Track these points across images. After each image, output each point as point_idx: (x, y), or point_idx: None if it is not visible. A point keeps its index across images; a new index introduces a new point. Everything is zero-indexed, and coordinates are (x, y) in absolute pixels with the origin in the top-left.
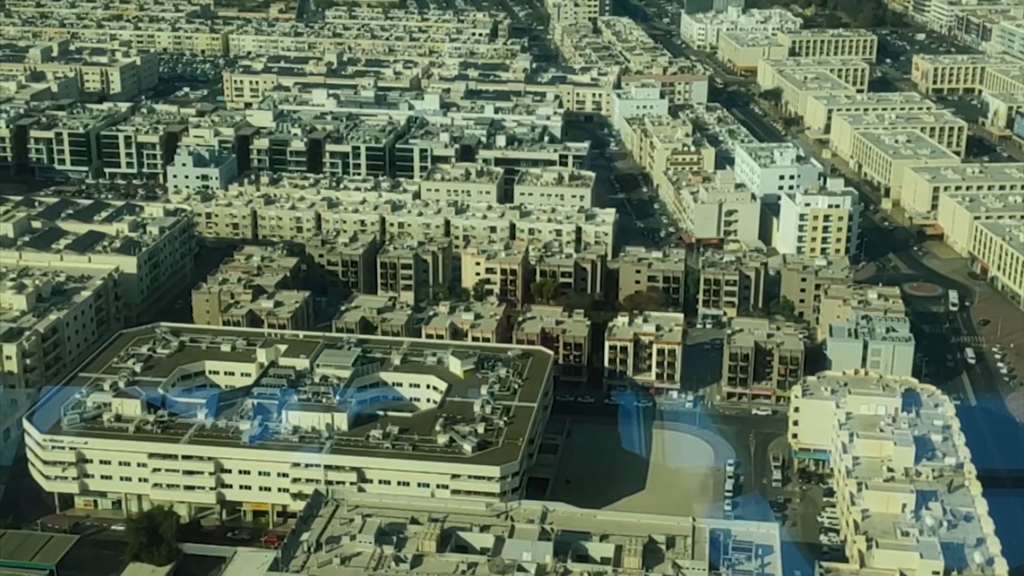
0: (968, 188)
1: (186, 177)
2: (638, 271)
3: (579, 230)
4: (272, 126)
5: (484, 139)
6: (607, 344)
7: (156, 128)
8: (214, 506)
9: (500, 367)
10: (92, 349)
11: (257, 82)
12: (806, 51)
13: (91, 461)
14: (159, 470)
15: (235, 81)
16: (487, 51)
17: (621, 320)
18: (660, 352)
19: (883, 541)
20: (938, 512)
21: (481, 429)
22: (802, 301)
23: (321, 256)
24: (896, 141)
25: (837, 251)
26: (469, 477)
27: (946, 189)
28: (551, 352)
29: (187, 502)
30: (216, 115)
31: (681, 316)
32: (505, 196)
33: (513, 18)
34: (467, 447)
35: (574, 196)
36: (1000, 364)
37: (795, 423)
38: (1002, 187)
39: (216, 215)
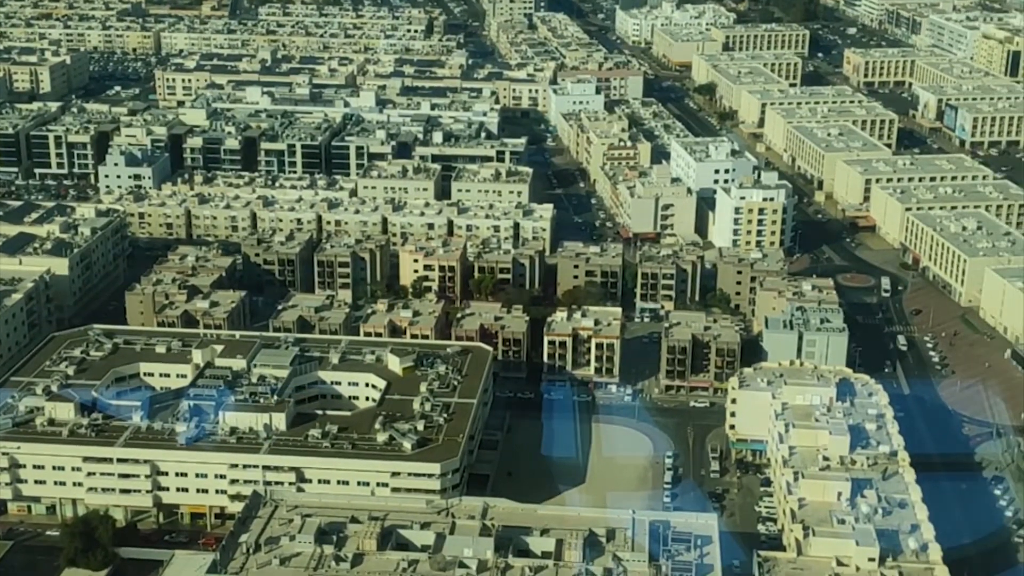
0: (899, 180)
1: (118, 177)
2: (576, 266)
3: (517, 226)
4: (206, 124)
5: (421, 136)
6: (546, 339)
7: (87, 128)
8: (151, 509)
9: (439, 364)
10: (24, 352)
11: (190, 80)
12: (740, 46)
13: (24, 466)
14: (94, 474)
15: (167, 79)
16: (423, 48)
17: (560, 315)
18: (599, 346)
19: (819, 529)
20: (873, 499)
21: (421, 426)
22: (738, 293)
23: (257, 255)
24: (828, 134)
25: (772, 244)
26: (409, 475)
27: (878, 181)
28: (490, 348)
29: (123, 506)
30: (148, 114)
31: (619, 310)
32: (442, 193)
33: (448, 14)
34: (407, 445)
35: (511, 192)
36: (932, 353)
37: (732, 414)
38: (932, 179)
39: (149, 215)
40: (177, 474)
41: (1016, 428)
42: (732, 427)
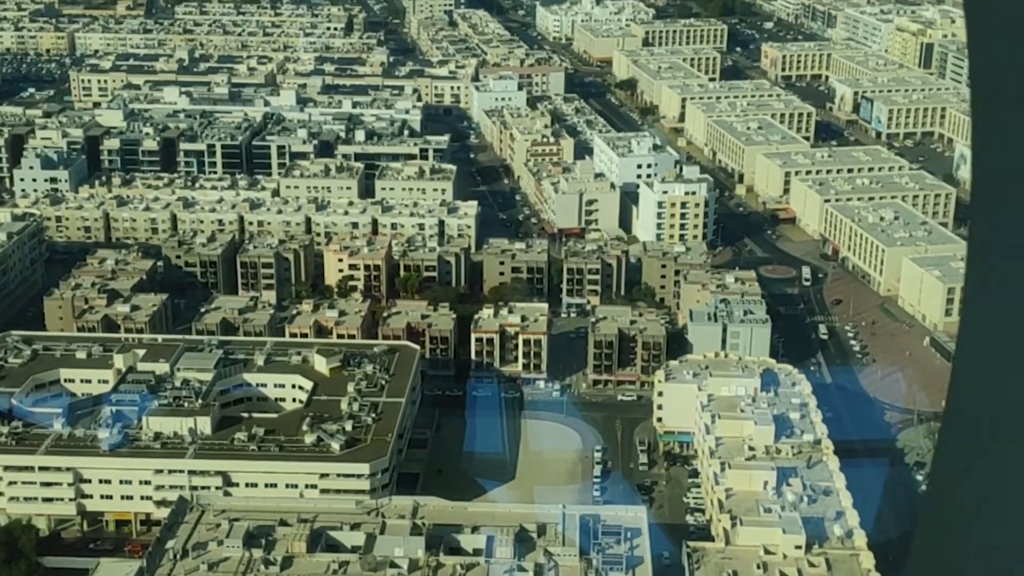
0: (818, 172)
1: (34, 180)
2: (502, 263)
3: (442, 224)
4: (123, 126)
5: (343, 134)
6: (473, 336)
7: (0, 131)
8: (74, 517)
9: (366, 364)
10: None
11: (106, 81)
12: (659, 41)
13: None
14: (15, 483)
15: (83, 80)
16: (343, 45)
17: (486, 312)
18: (526, 342)
19: (746, 519)
20: (798, 488)
21: (349, 427)
22: (663, 287)
23: (178, 257)
24: (748, 128)
25: (695, 237)
26: (338, 476)
27: (797, 174)
28: (417, 347)
29: (46, 514)
30: (64, 116)
31: (546, 306)
32: (366, 191)
33: (368, 12)
34: (335, 445)
35: (436, 190)
36: (853, 342)
37: (659, 407)
38: (850, 170)
39: (67, 219)
40: (101, 481)
41: (937, 414)
42: (659, 420)
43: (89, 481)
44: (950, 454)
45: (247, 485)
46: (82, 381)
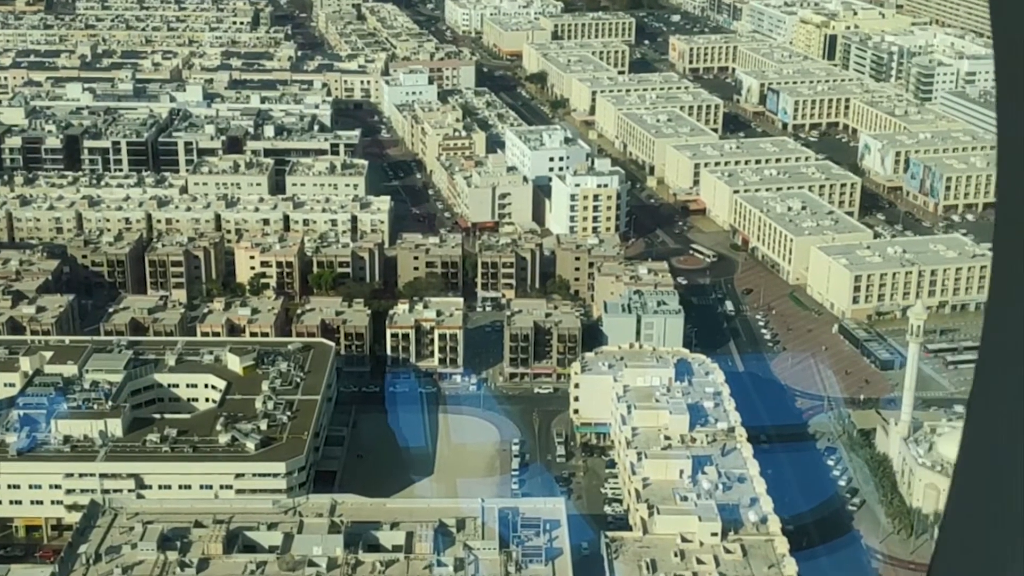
0: (727, 164)
1: None
2: (416, 257)
3: (354, 219)
4: (24, 123)
5: (251, 130)
6: (388, 332)
7: None
8: None
9: (281, 361)
10: None
11: (6, 78)
12: (568, 34)
13: None
14: None
15: None
16: (249, 40)
17: (401, 307)
18: (442, 337)
19: (663, 507)
20: (713, 475)
21: (264, 426)
22: (577, 280)
23: (84, 257)
24: (657, 120)
25: (608, 229)
26: (254, 475)
27: (706, 165)
28: (332, 344)
29: None
30: None
31: (461, 300)
32: (277, 188)
33: (274, 6)
34: (250, 445)
35: (347, 185)
36: (764, 330)
37: (576, 399)
38: (758, 161)
39: None
40: (9, 486)
41: (846, 400)
42: (576, 411)
43: None
44: (972, 456)
45: (160, 487)
46: None
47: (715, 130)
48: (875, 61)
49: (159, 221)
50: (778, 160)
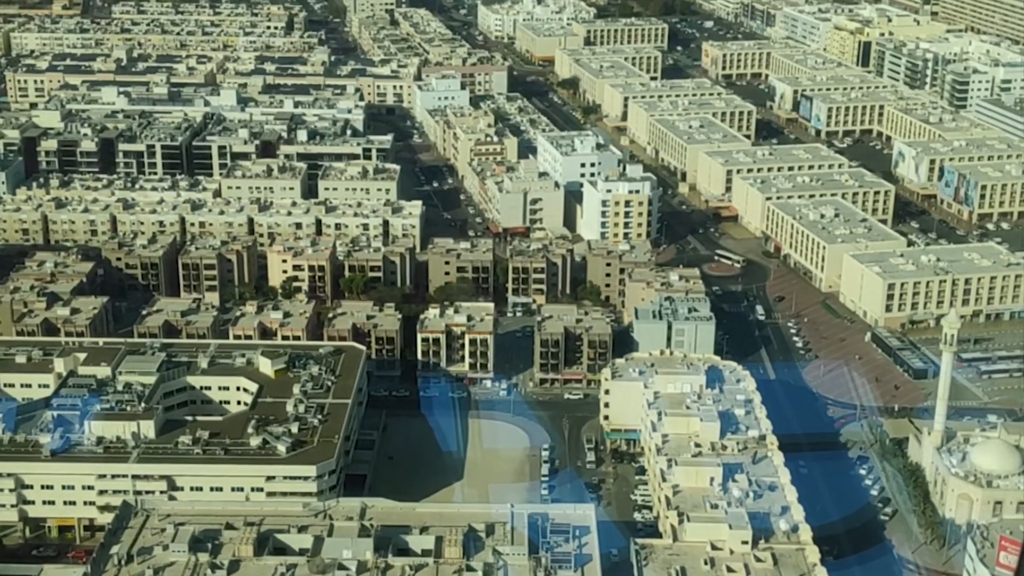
0: (759, 170)
1: None
2: (447, 262)
3: (386, 223)
4: (60, 126)
5: (285, 134)
6: (419, 336)
7: None
8: (16, 524)
9: (312, 365)
10: None
11: (42, 81)
12: (601, 40)
13: None
14: None
15: (19, 81)
16: (283, 44)
17: (432, 312)
18: (472, 342)
19: (693, 515)
20: (744, 483)
21: (295, 429)
22: (608, 285)
23: (119, 259)
24: (690, 126)
25: (639, 235)
26: (284, 478)
27: (739, 172)
28: (363, 347)
29: None
30: (0, 117)
31: (491, 305)
32: (309, 192)
33: (309, 11)
34: (281, 448)
35: (379, 190)
36: (796, 338)
37: (606, 405)
38: (791, 168)
39: (4, 221)
40: (43, 487)
41: (878, 408)
42: (606, 417)
43: (31, 487)
44: None
45: (192, 489)
46: (22, 386)
47: (748, 136)
48: (909, 68)
49: (192, 224)
50: (811, 167)
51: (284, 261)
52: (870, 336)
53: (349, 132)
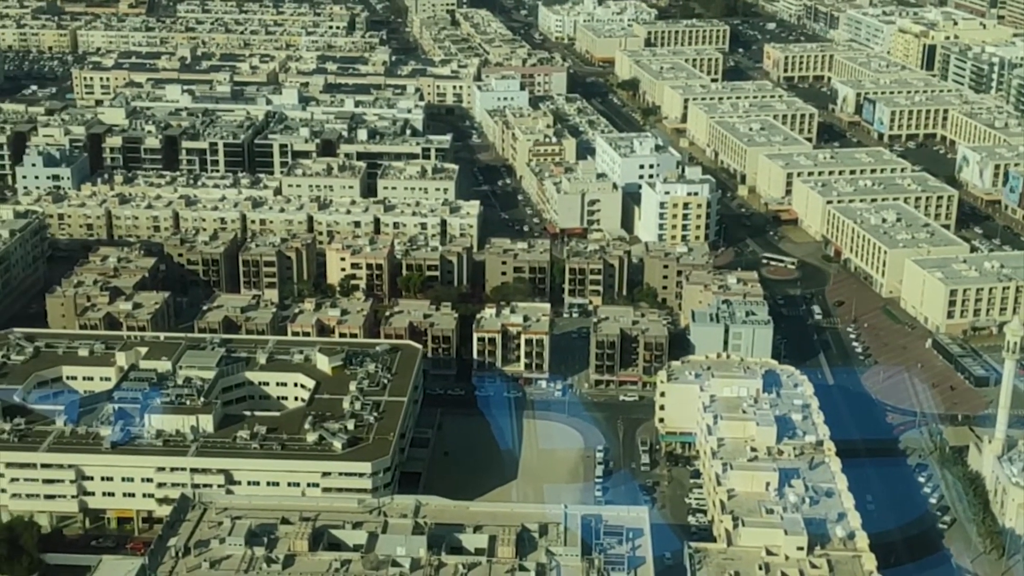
0: (820, 173)
1: (36, 178)
2: (504, 262)
3: (444, 223)
4: (125, 123)
5: (345, 133)
6: (475, 336)
7: (3, 128)
8: (76, 514)
9: (369, 362)
10: None
11: (108, 79)
12: (661, 42)
13: None
14: (17, 480)
15: (85, 78)
16: (345, 44)
17: (488, 312)
18: (528, 342)
19: (749, 520)
20: (800, 489)
21: (351, 425)
22: (665, 288)
23: (180, 255)
24: (750, 129)
25: (697, 238)
26: (340, 474)
27: (799, 175)
28: (419, 346)
29: (48, 511)
30: (66, 113)
31: (548, 306)
32: (368, 190)
33: (370, 11)
34: (337, 444)
35: (438, 189)
36: (855, 343)
37: (661, 407)
38: (852, 172)
39: (69, 216)
40: (103, 478)
41: (938, 415)
42: (661, 420)
43: (91, 478)
44: None
45: (249, 483)
46: (84, 379)
47: (809, 139)
48: (975, 72)
49: (253, 221)
50: (873, 171)
51: (343, 259)
52: (931, 342)
53: (409, 132)
